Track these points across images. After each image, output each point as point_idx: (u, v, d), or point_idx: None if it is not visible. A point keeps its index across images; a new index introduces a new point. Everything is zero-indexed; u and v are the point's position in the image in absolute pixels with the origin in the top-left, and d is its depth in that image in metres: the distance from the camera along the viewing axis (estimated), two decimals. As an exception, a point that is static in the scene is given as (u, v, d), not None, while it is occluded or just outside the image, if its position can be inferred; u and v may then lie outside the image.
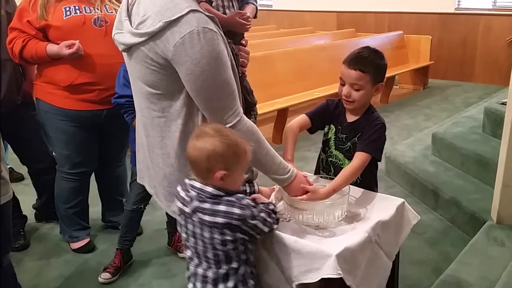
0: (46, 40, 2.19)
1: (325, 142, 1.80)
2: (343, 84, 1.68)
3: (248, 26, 1.68)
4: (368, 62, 1.64)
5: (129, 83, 2.06)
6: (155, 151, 1.49)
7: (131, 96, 2.06)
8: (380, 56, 1.69)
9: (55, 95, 2.26)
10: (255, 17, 1.79)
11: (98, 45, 2.18)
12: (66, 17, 2.16)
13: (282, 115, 4.05)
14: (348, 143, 1.72)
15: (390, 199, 1.67)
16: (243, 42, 1.72)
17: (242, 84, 1.63)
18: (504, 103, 2.84)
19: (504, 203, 2.32)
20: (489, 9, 6.56)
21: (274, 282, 1.48)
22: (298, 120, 1.78)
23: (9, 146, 2.73)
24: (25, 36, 2.17)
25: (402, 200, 1.65)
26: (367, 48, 1.70)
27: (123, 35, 1.39)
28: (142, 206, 2.30)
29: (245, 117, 1.41)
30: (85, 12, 2.20)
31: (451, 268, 2.09)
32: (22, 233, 2.59)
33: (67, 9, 2.17)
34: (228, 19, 1.64)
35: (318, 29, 7.21)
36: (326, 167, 1.80)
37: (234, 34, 1.67)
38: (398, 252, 1.67)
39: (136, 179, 2.25)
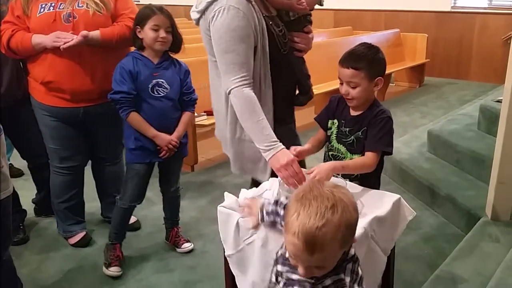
0: None
1: (328, 137, 1.82)
2: (342, 83, 1.70)
3: (302, 7, 1.81)
4: (361, 59, 1.64)
5: (125, 80, 2.09)
6: (215, 108, 1.89)
7: (126, 92, 2.10)
8: (374, 51, 1.68)
9: (37, 90, 2.29)
10: (320, 4, 1.96)
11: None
12: (39, 14, 2.15)
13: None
14: (352, 137, 1.72)
15: (386, 195, 1.67)
16: (305, 29, 1.87)
17: (299, 67, 1.85)
18: (499, 101, 2.85)
19: (499, 199, 2.34)
20: (484, 8, 6.58)
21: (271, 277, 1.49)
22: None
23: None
24: (16, 27, 2.18)
25: (398, 196, 1.65)
26: (362, 44, 1.71)
27: (193, 13, 1.75)
28: (136, 204, 2.33)
29: (247, 89, 1.66)
30: (59, 8, 2.16)
31: (446, 264, 2.11)
32: (21, 227, 2.60)
33: (43, 6, 2.16)
34: (287, 3, 1.80)
35: (315, 27, 7.18)
36: (327, 161, 1.80)
37: (297, 22, 1.87)
38: (394, 247, 1.68)
39: (131, 177, 2.25)
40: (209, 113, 3.62)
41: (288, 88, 1.91)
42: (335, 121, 1.78)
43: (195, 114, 3.44)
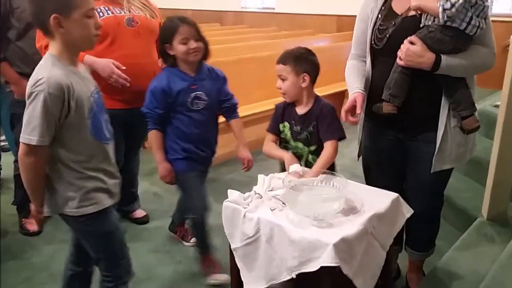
0: None
1: (283, 139, 1.98)
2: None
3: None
4: (288, 56, 1.90)
5: (154, 98, 2.06)
6: None
7: (151, 110, 2.08)
8: (304, 52, 1.93)
9: None
10: None
11: (132, 45, 2.23)
12: (101, 18, 2.15)
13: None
14: (304, 133, 1.91)
15: (385, 193, 1.74)
16: (408, 38, 1.72)
17: (390, 72, 1.78)
18: (497, 106, 2.91)
19: (495, 200, 2.39)
20: (485, 15, 6.64)
21: (276, 273, 1.55)
22: (268, 139, 2.02)
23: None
24: None
25: (397, 194, 1.72)
26: (298, 47, 1.96)
27: None
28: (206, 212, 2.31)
29: (351, 62, 1.96)
30: (116, 13, 2.23)
31: (442, 262, 2.16)
32: None
33: (98, 10, 2.17)
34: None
35: (318, 32, 7.30)
36: None
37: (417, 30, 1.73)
38: (393, 243, 1.73)
39: (190, 185, 2.19)
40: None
41: (373, 84, 1.88)
42: (286, 123, 1.96)
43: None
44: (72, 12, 1.43)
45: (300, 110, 1.95)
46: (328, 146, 1.86)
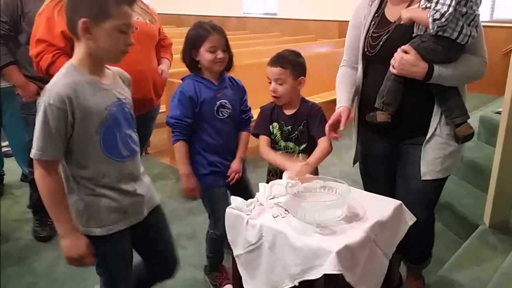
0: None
1: (273, 140, 2.01)
2: (270, 82, 1.94)
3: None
4: (286, 59, 1.92)
5: (182, 105, 2.00)
6: None
7: (179, 118, 2.02)
8: (297, 55, 1.98)
9: None
10: None
11: (131, 51, 2.13)
12: None
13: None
14: (296, 132, 1.97)
15: (388, 200, 1.73)
16: (402, 47, 1.72)
17: (383, 80, 1.78)
18: (499, 112, 2.91)
19: (497, 208, 2.38)
20: (486, 21, 6.67)
21: (278, 281, 1.54)
22: (264, 141, 2.03)
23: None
24: (55, 50, 2.03)
25: (400, 202, 1.71)
26: (286, 50, 1.99)
27: None
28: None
29: (343, 69, 1.98)
30: None
31: (444, 270, 2.15)
32: (49, 223, 2.61)
33: None
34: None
35: (321, 37, 7.32)
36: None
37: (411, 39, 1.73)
38: (395, 251, 1.72)
39: (218, 200, 2.08)
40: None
41: (366, 91, 1.91)
42: (275, 124, 2.00)
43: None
44: (105, 21, 1.38)
45: (288, 110, 2.01)
46: (323, 141, 1.93)
